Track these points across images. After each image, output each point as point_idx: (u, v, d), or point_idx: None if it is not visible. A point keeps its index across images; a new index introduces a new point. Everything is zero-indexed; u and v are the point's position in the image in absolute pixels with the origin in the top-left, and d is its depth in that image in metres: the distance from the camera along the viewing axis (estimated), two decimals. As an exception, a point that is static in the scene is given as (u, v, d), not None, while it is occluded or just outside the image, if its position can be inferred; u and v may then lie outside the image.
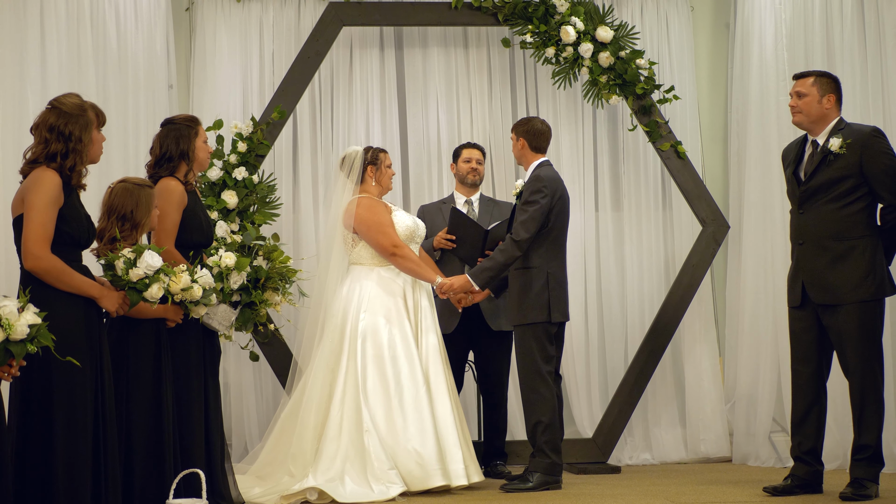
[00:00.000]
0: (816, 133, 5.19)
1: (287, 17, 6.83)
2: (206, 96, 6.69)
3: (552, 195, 5.61)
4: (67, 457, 3.82)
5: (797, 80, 5.28)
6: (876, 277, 5.02)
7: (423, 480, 5.36)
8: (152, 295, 4.13)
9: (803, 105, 5.18)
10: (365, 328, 5.55)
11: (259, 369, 6.62)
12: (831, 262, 5.05)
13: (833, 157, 5.06)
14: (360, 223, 5.69)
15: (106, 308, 4.06)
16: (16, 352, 3.35)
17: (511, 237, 5.56)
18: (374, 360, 5.50)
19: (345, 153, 5.89)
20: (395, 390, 5.48)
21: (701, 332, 6.85)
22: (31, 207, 3.85)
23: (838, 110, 5.21)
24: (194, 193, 4.86)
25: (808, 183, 5.12)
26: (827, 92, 5.18)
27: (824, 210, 5.08)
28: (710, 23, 7.25)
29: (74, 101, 4.00)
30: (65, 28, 6.11)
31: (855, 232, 5.04)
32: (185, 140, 4.79)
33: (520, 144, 5.77)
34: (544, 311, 5.54)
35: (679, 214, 6.93)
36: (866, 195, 5.05)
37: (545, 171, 5.70)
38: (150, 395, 4.41)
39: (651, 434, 6.82)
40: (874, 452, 4.99)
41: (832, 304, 5.05)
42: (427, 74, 6.97)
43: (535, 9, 6.54)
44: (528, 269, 5.59)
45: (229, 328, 4.83)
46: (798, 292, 5.18)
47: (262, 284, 4.84)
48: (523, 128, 5.79)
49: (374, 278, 5.68)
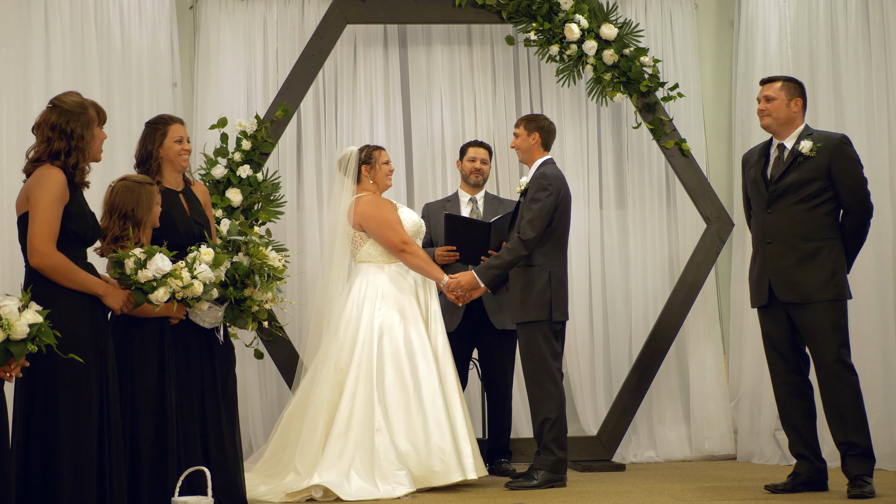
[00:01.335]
0: (783, 136, 5.28)
1: (291, 15, 6.83)
2: (211, 94, 6.69)
3: (557, 193, 5.61)
4: (72, 455, 3.82)
5: (765, 84, 5.37)
6: (840, 278, 5.11)
7: (445, 476, 5.39)
8: (157, 298, 4.14)
9: (772, 108, 5.27)
10: (381, 325, 5.55)
11: (264, 367, 6.62)
12: (799, 262, 5.13)
13: (803, 159, 5.16)
14: (365, 220, 5.69)
15: (110, 306, 4.07)
16: (16, 352, 3.35)
17: (518, 236, 5.56)
18: (391, 357, 5.52)
19: (341, 154, 5.90)
20: (413, 387, 5.49)
21: (705, 329, 6.84)
22: (37, 205, 3.86)
23: (804, 115, 5.32)
24: (171, 193, 4.83)
25: (777, 183, 5.20)
26: (794, 96, 5.28)
27: (793, 210, 5.16)
28: (714, 20, 7.24)
29: (75, 100, 4.02)
30: (69, 26, 6.11)
31: (822, 233, 5.13)
32: (151, 141, 4.85)
33: (532, 139, 5.75)
34: (546, 309, 5.54)
35: (683, 212, 6.93)
36: (832, 199, 5.14)
37: (550, 168, 5.70)
38: (154, 393, 4.42)
39: (655, 432, 6.82)
40: (865, 450, 5.03)
41: (799, 302, 5.10)
42: (431, 72, 6.97)
43: (538, 6, 6.53)
44: (530, 267, 5.59)
45: (217, 325, 4.78)
46: (764, 292, 5.24)
47: (241, 281, 4.79)
48: (537, 123, 5.78)
49: (386, 276, 5.68)
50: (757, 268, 5.31)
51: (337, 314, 5.66)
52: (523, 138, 5.78)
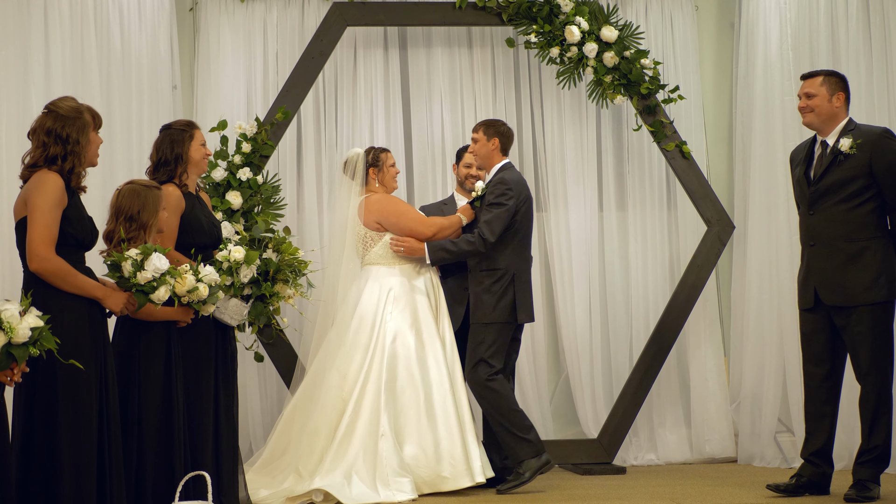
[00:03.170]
0: (826, 133, 5.17)
1: (291, 18, 6.82)
2: (210, 97, 6.68)
3: (518, 197, 5.64)
4: (73, 459, 3.82)
5: (805, 80, 5.26)
6: (887, 279, 5.00)
7: (455, 481, 5.39)
8: (159, 297, 4.13)
9: (814, 105, 5.15)
10: (393, 328, 5.56)
11: (264, 370, 6.61)
12: (843, 264, 5.03)
13: (843, 158, 5.04)
14: (385, 216, 5.70)
15: (110, 308, 4.06)
16: (18, 355, 3.35)
17: (479, 234, 5.57)
18: (403, 361, 5.52)
19: (346, 156, 5.91)
20: (423, 392, 5.50)
21: (706, 332, 6.83)
22: (35, 209, 3.86)
23: (847, 110, 5.19)
24: (194, 196, 4.89)
25: (818, 184, 5.10)
26: (836, 91, 5.16)
27: (835, 211, 5.06)
28: (714, 22, 7.23)
29: (70, 104, 4.02)
30: (68, 29, 6.10)
31: (866, 233, 5.02)
32: (179, 144, 4.85)
33: (492, 145, 5.78)
34: (508, 312, 5.57)
35: (684, 214, 6.92)
36: (876, 196, 5.03)
37: (509, 173, 5.72)
38: (161, 398, 4.42)
39: (656, 434, 6.81)
40: (881, 453, 4.99)
41: (845, 305, 5.02)
42: (431, 74, 6.96)
43: (539, 9, 6.53)
44: (493, 270, 5.63)
45: (242, 322, 4.83)
46: (810, 295, 5.14)
47: (273, 277, 4.86)
48: (496, 128, 5.82)
49: (397, 277, 5.68)
50: (803, 270, 5.22)
51: (341, 317, 5.66)
52: (482, 144, 5.80)
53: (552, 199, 6.92)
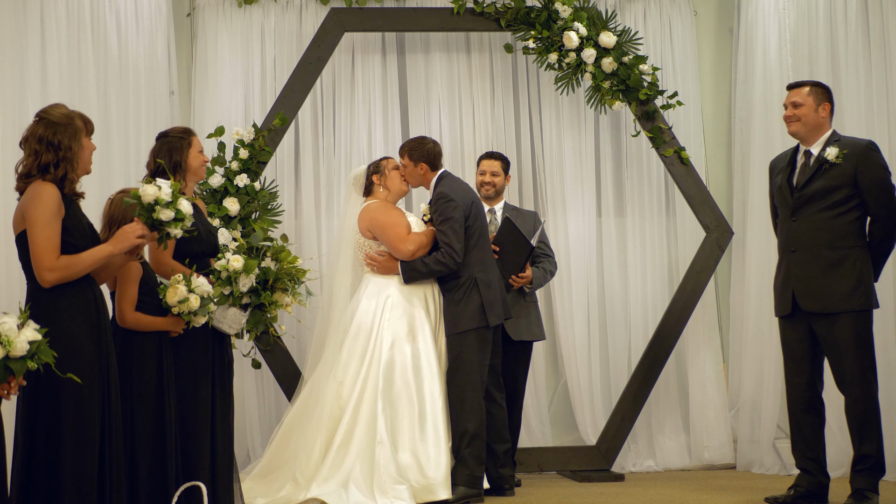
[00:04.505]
0: (810, 143, 5.22)
1: (289, 23, 6.81)
2: (208, 102, 6.67)
3: (462, 204, 5.61)
4: (75, 469, 3.80)
5: (792, 89, 5.32)
6: (866, 288, 5.04)
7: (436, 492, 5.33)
8: (176, 233, 4.09)
9: (801, 114, 5.21)
10: (391, 337, 5.54)
11: (261, 378, 6.60)
12: (823, 271, 5.06)
13: (829, 167, 5.10)
14: (373, 225, 5.68)
15: (123, 248, 3.98)
16: (16, 369, 3.33)
17: (447, 253, 5.54)
18: (400, 369, 5.50)
19: (354, 172, 5.91)
20: (417, 401, 5.47)
21: (704, 338, 6.82)
22: (34, 223, 3.83)
23: (831, 121, 5.26)
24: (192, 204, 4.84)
25: (803, 190, 5.14)
26: (822, 101, 5.23)
27: (818, 218, 5.09)
28: (713, 28, 7.23)
29: (61, 111, 3.99)
30: (65, 34, 6.08)
31: (848, 241, 5.06)
32: (178, 151, 4.79)
33: (420, 170, 5.74)
34: (478, 316, 5.54)
35: (682, 220, 6.91)
36: (859, 206, 5.08)
37: (446, 184, 5.69)
38: (153, 407, 4.39)
39: (655, 441, 6.80)
40: (875, 462, 4.98)
41: (823, 312, 5.04)
42: (429, 80, 6.95)
43: (537, 14, 6.51)
44: (455, 279, 5.60)
45: (240, 330, 4.81)
46: (788, 300, 5.18)
47: (272, 285, 4.84)
48: (420, 151, 5.76)
49: (396, 285, 5.66)
50: (781, 276, 5.24)
51: (336, 324, 5.64)
52: (411, 170, 5.78)
53: (550, 204, 6.91)
